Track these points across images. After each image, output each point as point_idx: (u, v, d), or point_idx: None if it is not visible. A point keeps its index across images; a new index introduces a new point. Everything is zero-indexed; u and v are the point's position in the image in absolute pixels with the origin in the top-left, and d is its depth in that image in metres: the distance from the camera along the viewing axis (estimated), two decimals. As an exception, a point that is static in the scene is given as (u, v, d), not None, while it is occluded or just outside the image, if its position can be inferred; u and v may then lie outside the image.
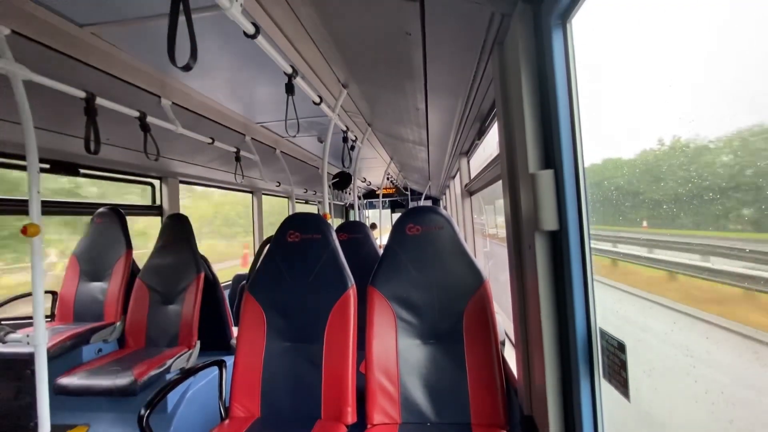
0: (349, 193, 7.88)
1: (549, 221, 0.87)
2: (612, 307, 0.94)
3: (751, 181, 0.63)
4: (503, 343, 1.57)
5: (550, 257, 0.91)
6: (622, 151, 1.00)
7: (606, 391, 0.82)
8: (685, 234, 0.86)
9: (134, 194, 3.31)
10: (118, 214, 2.62)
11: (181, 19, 0.94)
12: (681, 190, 0.80)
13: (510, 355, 1.58)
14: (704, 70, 0.66)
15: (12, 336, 2.00)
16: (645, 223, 1.00)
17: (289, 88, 1.68)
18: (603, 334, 0.81)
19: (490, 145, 2.32)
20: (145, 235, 3.45)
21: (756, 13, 0.54)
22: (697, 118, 0.66)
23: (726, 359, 0.79)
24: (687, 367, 0.81)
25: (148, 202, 3.28)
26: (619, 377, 0.74)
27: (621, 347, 0.74)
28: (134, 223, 3.03)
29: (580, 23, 0.81)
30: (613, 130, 1.00)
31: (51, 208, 2.46)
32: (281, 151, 3.59)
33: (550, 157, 0.90)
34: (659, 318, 1.04)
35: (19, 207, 2.22)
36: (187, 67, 0.95)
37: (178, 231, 2.57)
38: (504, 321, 1.81)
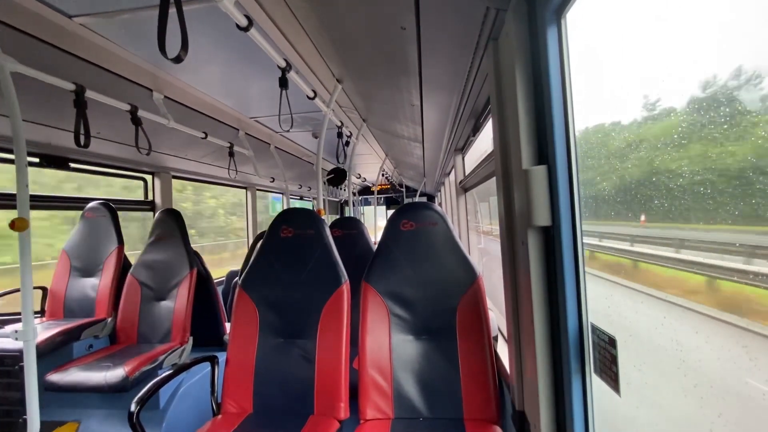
0: (344, 190, 7.87)
1: (542, 217, 0.87)
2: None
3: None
4: (496, 339, 1.58)
5: (543, 253, 0.92)
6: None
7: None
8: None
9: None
10: (109, 208, 2.58)
11: (172, 10, 0.93)
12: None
13: (503, 351, 1.59)
14: (698, 63, 0.66)
15: (0, 332, 1.97)
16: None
17: (283, 82, 1.67)
18: (594, 329, 0.82)
19: (485, 142, 2.32)
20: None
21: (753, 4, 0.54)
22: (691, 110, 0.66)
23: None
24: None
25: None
26: (609, 372, 0.75)
27: (612, 342, 0.74)
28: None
29: (574, 18, 0.81)
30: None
31: (40, 202, 2.42)
32: (275, 147, 3.56)
33: (544, 153, 0.90)
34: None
35: (7, 201, 2.18)
36: (177, 59, 0.93)
37: (170, 226, 2.54)
38: (497, 317, 1.82)
